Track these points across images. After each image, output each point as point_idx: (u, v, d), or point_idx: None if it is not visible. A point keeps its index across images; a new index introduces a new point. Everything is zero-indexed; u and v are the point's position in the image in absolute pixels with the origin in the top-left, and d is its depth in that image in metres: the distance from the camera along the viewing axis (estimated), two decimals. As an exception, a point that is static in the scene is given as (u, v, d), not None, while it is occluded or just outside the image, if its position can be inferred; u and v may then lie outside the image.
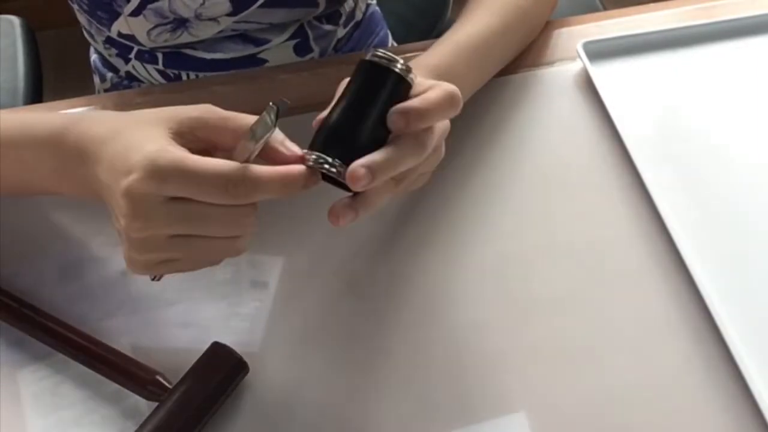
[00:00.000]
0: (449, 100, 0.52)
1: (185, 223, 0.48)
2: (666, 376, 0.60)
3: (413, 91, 0.53)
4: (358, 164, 0.49)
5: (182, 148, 0.49)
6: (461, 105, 0.53)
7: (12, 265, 0.64)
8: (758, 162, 0.72)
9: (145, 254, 0.50)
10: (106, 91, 0.90)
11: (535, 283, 0.65)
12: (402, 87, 0.52)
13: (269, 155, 0.51)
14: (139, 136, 0.49)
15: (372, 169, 0.49)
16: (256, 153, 0.49)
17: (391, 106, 0.51)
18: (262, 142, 0.49)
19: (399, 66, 0.52)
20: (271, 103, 0.48)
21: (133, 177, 0.47)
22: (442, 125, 0.54)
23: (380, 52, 0.51)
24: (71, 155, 0.53)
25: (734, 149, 0.73)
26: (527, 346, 0.61)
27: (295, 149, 0.51)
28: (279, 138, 0.51)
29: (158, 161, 0.47)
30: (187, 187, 0.47)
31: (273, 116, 0.48)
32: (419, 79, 0.54)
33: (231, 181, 0.47)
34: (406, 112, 0.50)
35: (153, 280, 0.56)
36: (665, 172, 0.70)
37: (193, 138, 0.51)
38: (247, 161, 0.49)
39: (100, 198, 0.52)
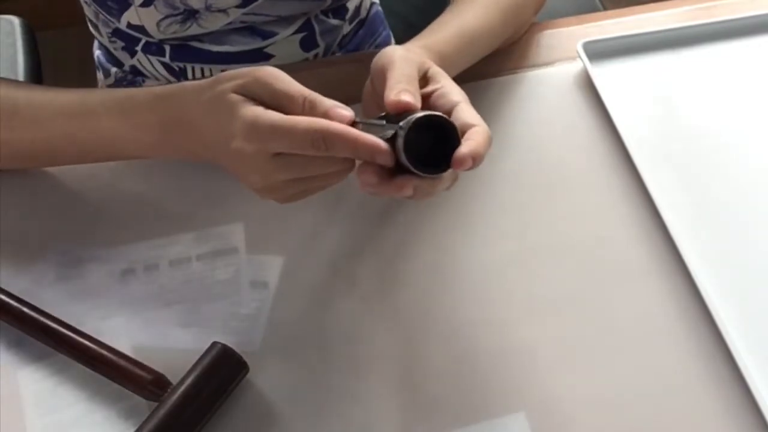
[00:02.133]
0: (489, 142, 0.54)
1: (292, 170, 0.54)
2: (666, 375, 0.60)
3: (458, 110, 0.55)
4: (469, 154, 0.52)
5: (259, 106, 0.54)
6: None
7: (12, 265, 0.64)
8: (758, 162, 0.72)
9: (278, 194, 0.56)
10: (109, 86, 0.90)
11: (535, 283, 0.65)
12: None
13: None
14: (227, 107, 0.54)
15: (474, 158, 0.52)
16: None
17: None
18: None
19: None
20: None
21: (236, 143, 0.53)
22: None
23: None
24: (173, 123, 0.59)
25: (734, 149, 0.73)
26: (527, 346, 0.61)
27: (347, 113, 0.54)
28: (328, 104, 0.54)
29: (257, 123, 0.53)
30: (281, 144, 0.52)
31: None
32: (458, 101, 0.56)
33: (315, 132, 0.51)
34: (473, 156, 0.52)
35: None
36: (665, 172, 0.71)
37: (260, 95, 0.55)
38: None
39: (202, 158, 0.59)
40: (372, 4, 0.94)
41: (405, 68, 0.56)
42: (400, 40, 1.01)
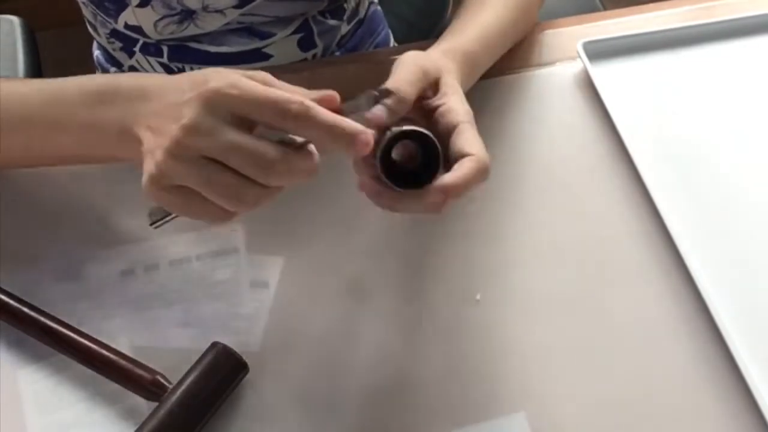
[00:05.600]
0: (483, 174, 0.54)
1: (233, 151, 0.48)
2: (666, 375, 0.60)
3: (451, 113, 0.55)
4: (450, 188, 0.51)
5: None
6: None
7: (12, 265, 0.64)
8: (758, 162, 0.72)
9: (177, 164, 0.49)
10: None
11: (535, 283, 0.65)
12: None
13: None
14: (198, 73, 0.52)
15: (446, 191, 0.51)
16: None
17: None
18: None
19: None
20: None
21: (213, 84, 0.49)
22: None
23: None
24: (135, 94, 0.55)
25: (734, 149, 0.73)
26: (527, 346, 0.61)
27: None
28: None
29: (239, 80, 0.49)
30: (256, 102, 0.49)
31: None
32: (461, 119, 0.55)
33: (294, 102, 0.48)
34: (445, 191, 0.52)
35: (152, 225, 0.54)
36: (665, 172, 0.70)
37: None
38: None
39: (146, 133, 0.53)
40: (370, 3, 0.94)
41: (398, 77, 0.55)
42: (400, 40, 1.02)
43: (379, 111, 0.53)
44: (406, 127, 0.52)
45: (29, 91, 0.61)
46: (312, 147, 0.50)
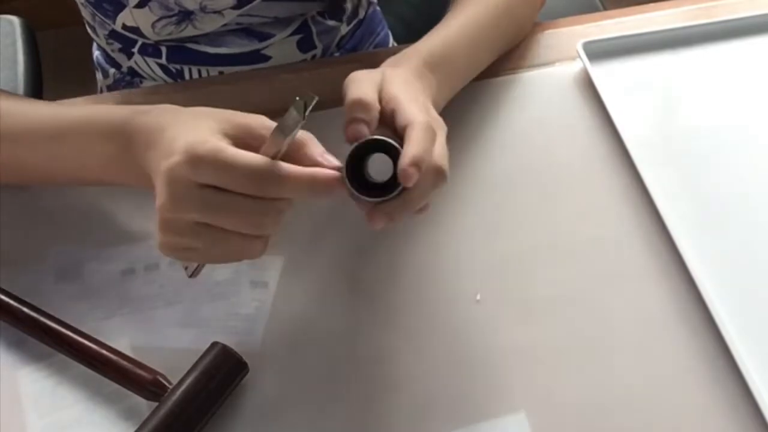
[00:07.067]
0: (428, 131, 0.53)
1: (211, 211, 0.50)
2: (666, 375, 0.60)
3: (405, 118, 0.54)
4: (407, 163, 0.51)
5: (225, 141, 0.51)
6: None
7: (12, 265, 0.64)
8: (758, 162, 0.72)
9: (169, 236, 0.52)
10: (108, 87, 0.90)
11: (535, 282, 0.65)
12: None
13: (306, 162, 0.52)
14: (191, 125, 0.53)
15: (419, 165, 0.51)
16: (284, 149, 0.50)
17: None
18: (290, 137, 0.50)
19: None
20: (297, 98, 0.48)
21: (173, 159, 0.50)
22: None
23: None
24: (136, 142, 0.56)
25: (734, 149, 0.73)
26: (527, 346, 0.61)
27: (335, 162, 0.53)
28: (318, 150, 0.53)
29: (197, 148, 0.50)
30: (219, 174, 0.50)
31: (301, 111, 0.49)
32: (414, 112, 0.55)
33: (261, 174, 0.49)
34: (418, 161, 0.51)
35: (190, 276, 0.57)
36: (665, 171, 0.70)
37: (241, 144, 0.52)
38: (275, 157, 0.50)
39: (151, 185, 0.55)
40: (370, 4, 0.94)
41: (355, 91, 0.56)
42: (399, 40, 1.02)
43: (355, 126, 0.54)
44: (363, 140, 0.53)
45: (40, 120, 0.62)
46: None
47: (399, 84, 0.58)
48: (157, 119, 0.56)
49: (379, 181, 0.54)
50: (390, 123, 0.55)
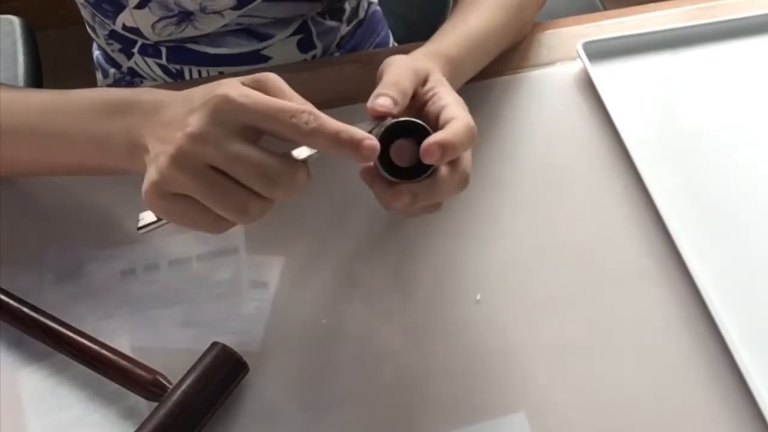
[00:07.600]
0: (471, 132, 0.53)
1: (239, 162, 0.48)
2: (666, 376, 0.60)
3: (435, 98, 0.55)
4: (435, 141, 0.51)
5: None
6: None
7: (12, 265, 0.64)
8: (758, 162, 0.72)
9: (174, 172, 0.49)
10: (108, 87, 0.90)
11: (535, 283, 0.65)
12: None
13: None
14: (205, 87, 0.51)
15: (443, 147, 0.51)
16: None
17: None
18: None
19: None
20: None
21: (221, 91, 0.49)
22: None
23: None
24: (137, 112, 0.54)
25: (734, 149, 0.73)
26: (527, 346, 0.61)
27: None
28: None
29: (245, 89, 0.49)
30: (258, 108, 0.48)
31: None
32: (441, 90, 0.55)
33: (301, 111, 0.48)
34: (441, 146, 0.51)
35: (139, 230, 0.54)
36: (665, 172, 0.71)
37: None
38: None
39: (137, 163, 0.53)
40: (370, 3, 0.94)
41: (393, 74, 0.55)
42: (400, 40, 1.02)
43: (383, 101, 0.53)
44: (401, 119, 0.52)
45: (39, 101, 0.60)
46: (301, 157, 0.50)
47: (447, 85, 0.58)
48: (162, 93, 0.55)
49: (400, 165, 0.54)
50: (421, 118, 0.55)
